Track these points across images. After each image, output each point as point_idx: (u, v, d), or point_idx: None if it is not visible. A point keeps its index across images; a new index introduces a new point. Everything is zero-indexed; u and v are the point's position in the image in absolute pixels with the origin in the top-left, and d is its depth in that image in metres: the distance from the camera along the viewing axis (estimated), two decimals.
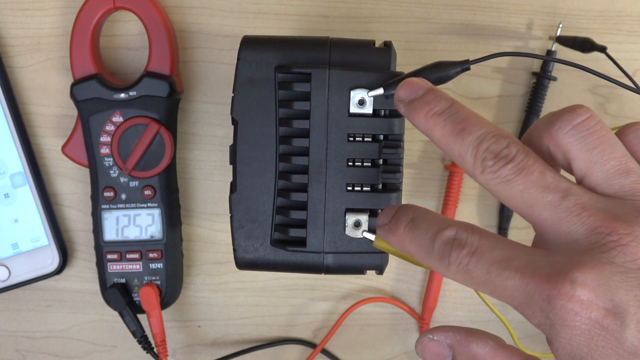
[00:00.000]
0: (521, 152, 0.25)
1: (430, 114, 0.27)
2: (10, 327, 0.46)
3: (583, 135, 0.26)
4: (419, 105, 0.28)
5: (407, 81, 0.29)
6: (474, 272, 0.24)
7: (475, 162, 0.25)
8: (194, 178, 0.45)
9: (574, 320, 0.22)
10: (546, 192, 0.25)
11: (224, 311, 0.47)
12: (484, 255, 0.24)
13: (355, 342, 0.47)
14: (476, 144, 0.25)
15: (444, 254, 0.25)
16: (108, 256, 0.42)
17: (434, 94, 0.28)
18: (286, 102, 0.34)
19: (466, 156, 0.26)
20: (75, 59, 0.41)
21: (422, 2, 0.44)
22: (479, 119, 0.26)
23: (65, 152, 0.42)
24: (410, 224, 0.27)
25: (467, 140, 0.26)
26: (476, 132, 0.26)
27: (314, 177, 0.34)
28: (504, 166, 0.25)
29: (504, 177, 0.25)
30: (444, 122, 0.27)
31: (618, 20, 0.44)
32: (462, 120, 0.26)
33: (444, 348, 0.27)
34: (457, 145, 0.26)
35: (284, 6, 0.44)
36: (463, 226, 0.26)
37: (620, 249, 0.23)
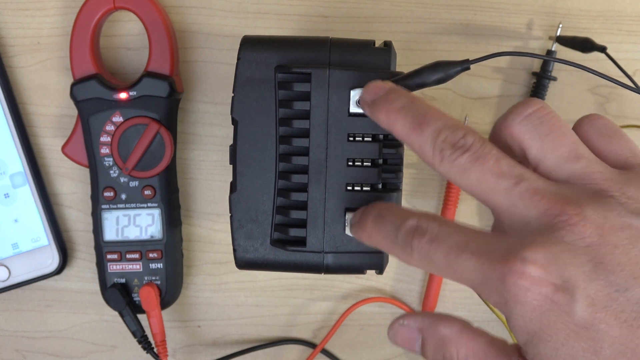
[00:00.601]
0: (477, 141, 0.26)
1: (391, 110, 0.29)
2: (10, 327, 0.46)
3: (534, 125, 0.27)
4: (381, 103, 0.29)
5: (370, 84, 0.31)
6: (434, 258, 0.26)
7: (434, 152, 0.27)
8: (194, 178, 0.45)
9: (525, 296, 0.23)
10: (501, 178, 0.26)
11: (224, 311, 0.47)
12: (443, 241, 0.26)
13: (355, 342, 0.47)
14: (434, 136, 0.27)
15: (406, 243, 0.27)
16: (108, 256, 0.42)
17: (394, 93, 0.29)
18: (286, 102, 0.34)
19: (425, 148, 0.27)
20: (75, 59, 0.41)
21: (422, 2, 0.44)
22: (437, 112, 0.28)
23: (65, 152, 0.42)
24: (377, 218, 0.29)
25: (425, 132, 0.27)
26: (434, 124, 0.27)
27: (314, 177, 0.34)
28: (460, 156, 0.26)
29: (461, 165, 0.26)
30: (404, 116, 0.28)
31: (618, 20, 0.44)
32: (421, 114, 0.28)
33: (413, 332, 0.28)
34: (417, 138, 0.28)
35: (284, 6, 0.44)
36: (425, 216, 0.27)
37: (570, 228, 0.24)
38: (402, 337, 0.28)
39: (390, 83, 0.31)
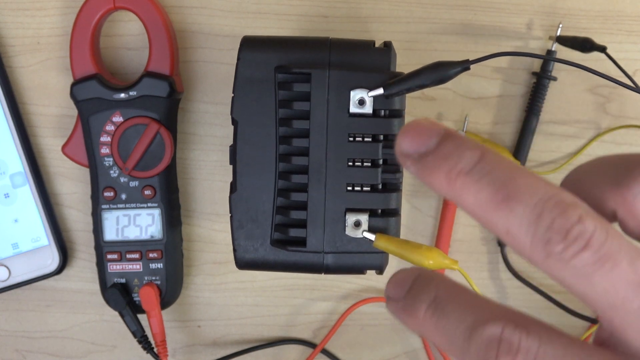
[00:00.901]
0: (600, 230, 0.18)
1: (453, 174, 0.19)
2: (10, 327, 0.46)
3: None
4: (435, 163, 0.19)
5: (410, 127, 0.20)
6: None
7: (533, 243, 0.18)
8: (194, 178, 0.45)
9: None
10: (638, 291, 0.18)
11: (224, 311, 0.47)
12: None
13: (355, 342, 0.47)
14: (533, 218, 0.18)
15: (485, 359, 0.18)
16: (108, 256, 0.42)
17: (452, 143, 0.19)
18: (286, 102, 0.34)
19: (519, 235, 0.18)
20: (75, 59, 0.41)
21: (422, 2, 0.44)
22: (528, 177, 0.18)
23: (65, 152, 0.42)
24: (434, 307, 0.20)
25: (516, 211, 0.18)
26: (529, 198, 0.18)
27: (314, 177, 0.34)
28: (579, 253, 0.18)
29: (580, 268, 0.18)
30: (477, 184, 0.19)
31: (618, 20, 0.44)
32: (504, 181, 0.18)
33: None
34: (501, 218, 0.18)
35: (284, 6, 0.44)
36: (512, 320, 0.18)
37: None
38: None
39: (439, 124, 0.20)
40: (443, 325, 0.19)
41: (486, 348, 0.18)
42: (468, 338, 0.19)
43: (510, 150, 0.44)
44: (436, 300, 0.20)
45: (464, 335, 0.19)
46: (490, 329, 0.18)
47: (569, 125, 0.45)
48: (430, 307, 0.20)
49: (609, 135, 0.45)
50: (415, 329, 0.20)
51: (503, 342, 0.18)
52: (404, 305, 0.20)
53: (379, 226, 0.34)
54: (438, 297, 0.20)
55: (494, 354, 0.18)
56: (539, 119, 0.44)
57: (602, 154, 0.45)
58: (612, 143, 0.45)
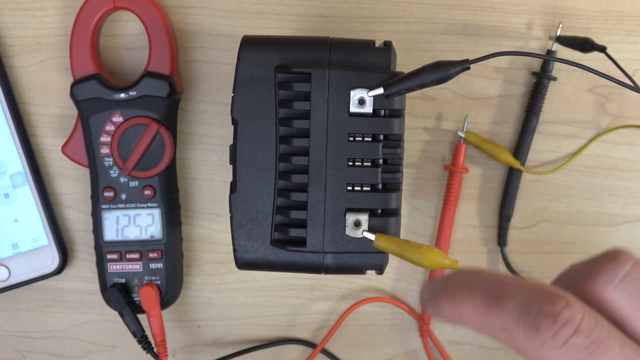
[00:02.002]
0: (587, 315, 0.19)
1: (453, 294, 0.21)
2: (10, 327, 0.46)
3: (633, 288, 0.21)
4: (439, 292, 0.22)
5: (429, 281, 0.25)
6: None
7: (526, 332, 0.19)
8: (194, 178, 0.45)
9: None
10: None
11: (224, 311, 0.47)
12: None
13: (355, 342, 0.47)
14: (523, 308, 0.19)
15: None
16: (108, 256, 0.42)
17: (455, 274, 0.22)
18: (286, 102, 0.34)
19: (512, 327, 0.19)
20: (75, 59, 0.41)
21: (422, 2, 0.44)
22: (515, 279, 0.20)
23: (65, 152, 0.42)
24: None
25: (507, 306, 0.19)
26: (517, 294, 0.20)
27: (314, 177, 0.34)
28: (571, 338, 0.19)
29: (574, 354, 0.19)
30: (472, 295, 0.21)
31: (618, 20, 0.44)
32: (495, 284, 0.20)
33: None
34: (495, 317, 0.20)
35: (284, 6, 0.44)
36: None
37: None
38: None
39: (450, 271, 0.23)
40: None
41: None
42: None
43: (510, 150, 0.45)
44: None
45: None
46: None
47: (569, 125, 0.45)
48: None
49: (609, 135, 0.45)
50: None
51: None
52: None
53: (379, 226, 0.34)
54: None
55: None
56: (539, 119, 0.44)
57: (602, 154, 0.45)
58: (612, 143, 0.45)
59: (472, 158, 0.45)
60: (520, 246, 0.46)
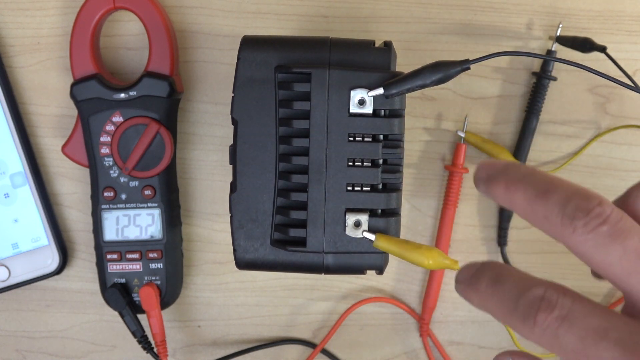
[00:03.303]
0: (616, 212, 0.23)
1: (510, 182, 0.25)
2: (10, 327, 0.46)
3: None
4: (498, 177, 0.26)
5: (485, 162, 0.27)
6: (564, 339, 0.23)
7: (563, 221, 0.23)
8: (194, 178, 0.45)
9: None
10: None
11: (224, 311, 0.47)
12: (577, 321, 0.22)
13: (355, 342, 0.47)
14: (564, 202, 0.23)
15: (528, 314, 0.23)
16: (108, 256, 0.42)
17: (512, 165, 0.26)
18: (286, 102, 0.34)
19: (552, 216, 0.24)
20: (75, 59, 0.41)
21: (422, 2, 0.44)
22: (563, 180, 0.24)
23: (65, 152, 0.42)
24: (494, 280, 0.25)
25: (552, 199, 0.24)
26: (562, 191, 0.24)
27: (314, 177, 0.34)
28: (598, 227, 0.23)
29: (599, 240, 0.23)
30: (525, 186, 0.25)
31: (618, 20, 0.44)
32: (545, 182, 0.24)
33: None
34: (541, 206, 0.24)
35: (284, 6, 0.44)
36: (554, 286, 0.24)
37: None
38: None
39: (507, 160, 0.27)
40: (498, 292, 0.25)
41: (530, 305, 0.23)
42: (517, 299, 0.24)
43: (510, 150, 0.45)
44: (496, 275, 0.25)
45: (514, 298, 0.24)
46: (535, 290, 0.23)
47: (569, 125, 0.45)
48: (491, 281, 0.25)
49: (609, 135, 0.45)
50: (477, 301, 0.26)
51: (544, 300, 0.23)
52: (470, 282, 0.26)
53: (379, 226, 0.34)
54: (498, 273, 0.25)
55: (536, 309, 0.23)
56: (539, 119, 0.44)
57: (602, 154, 0.45)
58: (612, 143, 0.45)
59: (472, 158, 0.45)
60: (520, 246, 0.46)
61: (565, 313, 0.23)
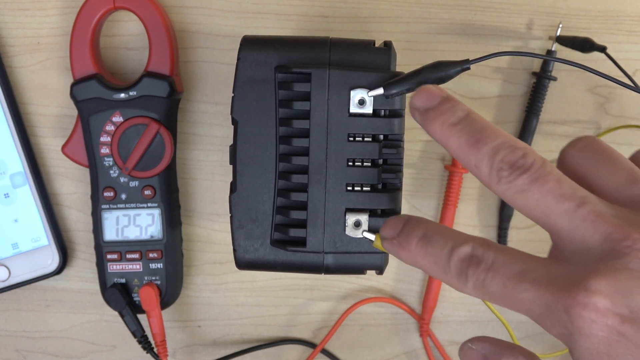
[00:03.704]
0: (537, 161, 0.25)
1: (445, 125, 0.27)
2: (10, 327, 0.46)
3: (589, 155, 0.27)
4: (435, 115, 0.28)
5: (423, 89, 0.29)
6: (490, 288, 0.25)
7: (490, 172, 0.25)
8: (194, 178, 0.45)
9: (591, 328, 0.22)
10: (562, 200, 0.24)
11: (224, 311, 0.47)
12: (500, 270, 0.25)
13: (355, 342, 0.47)
14: (492, 154, 0.25)
15: (461, 271, 0.25)
16: (108, 256, 0.42)
17: (449, 104, 0.28)
18: (286, 102, 0.34)
19: (482, 167, 0.26)
20: (75, 59, 0.41)
21: (422, 2, 0.44)
22: (495, 130, 0.26)
23: (65, 152, 0.42)
24: (423, 239, 0.27)
25: (482, 150, 0.26)
26: (492, 142, 0.26)
27: (314, 177, 0.34)
28: (519, 176, 0.25)
29: (520, 186, 0.25)
30: (460, 132, 0.27)
31: (618, 20, 0.44)
32: (478, 130, 0.26)
33: (478, 357, 0.27)
34: (472, 156, 0.26)
35: (284, 6, 0.44)
36: (479, 242, 0.26)
37: (635, 254, 0.23)
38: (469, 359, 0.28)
39: (444, 90, 0.29)
40: (430, 253, 0.26)
41: (461, 263, 0.25)
42: (449, 257, 0.26)
43: None
44: (424, 234, 0.27)
45: (446, 257, 0.26)
46: (464, 249, 0.25)
47: (569, 125, 0.45)
48: (421, 240, 0.27)
49: (609, 135, 0.45)
50: (408, 260, 0.28)
51: (472, 257, 0.25)
52: (399, 241, 0.28)
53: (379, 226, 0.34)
54: (426, 232, 0.27)
55: (466, 265, 0.25)
56: (539, 119, 0.44)
57: None
58: (612, 143, 0.45)
59: None
60: (520, 246, 0.46)
61: (490, 264, 0.25)
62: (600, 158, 0.27)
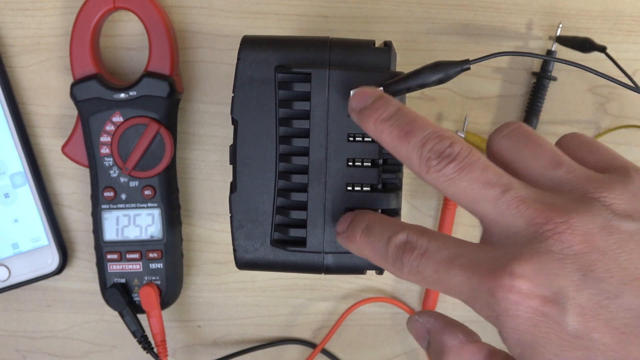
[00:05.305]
0: (464, 150, 0.26)
1: (378, 120, 0.28)
2: (10, 327, 0.46)
3: (513, 141, 0.28)
4: (368, 113, 0.29)
5: (358, 91, 0.30)
6: (424, 273, 0.26)
7: (420, 162, 0.27)
8: (194, 178, 0.45)
9: (516, 310, 0.23)
10: (487, 187, 0.25)
11: (224, 311, 0.47)
12: (432, 256, 0.26)
13: (355, 342, 0.47)
14: (420, 145, 0.27)
15: (397, 258, 0.27)
16: (108, 256, 0.42)
17: (382, 101, 0.29)
18: (286, 102, 0.34)
19: (412, 157, 0.27)
20: (75, 59, 0.41)
21: (422, 2, 0.44)
22: (424, 121, 0.27)
23: (65, 152, 0.42)
24: (366, 230, 0.29)
25: (412, 142, 0.27)
26: (420, 133, 0.27)
27: (314, 177, 0.34)
28: (447, 165, 0.26)
29: (448, 175, 0.26)
30: (391, 127, 0.28)
31: (618, 20, 0.44)
32: (408, 123, 0.28)
33: (423, 330, 0.28)
34: (403, 148, 0.27)
35: (284, 6, 0.44)
36: (414, 229, 0.27)
37: (557, 237, 0.24)
38: (415, 331, 0.29)
39: (377, 90, 0.30)
40: (371, 242, 0.28)
41: (397, 250, 0.27)
42: (386, 246, 0.27)
43: None
44: (367, 226, 0.29)
45: (384, 245, 0.28)
46: (399, 237, 0.27)
47: (569, 125, 0.45)
48: (364, 232, 0.29)
49: (609, 135, 0.45)
50: (356, 251, 0.30)
51: (407, 244, 0.27)
52: (347, 234, 0.30)
53: None
54: (369, 224, 0.29)
55: (401, 252, 0.27)
56: (539, 119, 0.44)
57: None
58: (612, 143, 0.45)
59: None
60: None
61: (423, 251, 0.26)
62: (525, 143, 0.28)
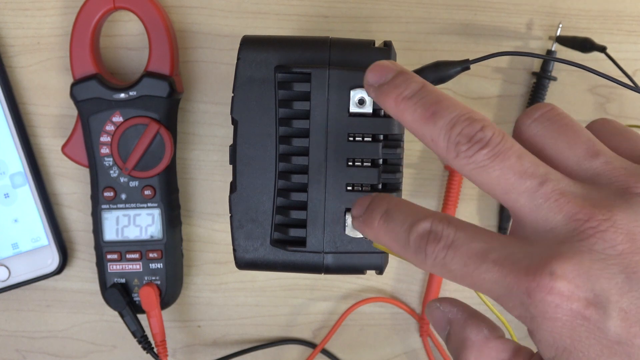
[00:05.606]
0: (497, 135, 0.24)
1: (400, 98, 0.26)
2: (10, 327, 0.46)
3: (545, 126, 0.26)
4: (388, 89, 0.27)
5: (376, 64, 0.28)
6: (451, 266, 0.24)
7: (448, 147, 0.24)
8: (194, 178, 0.45)
9: (554, 312, 0.22)
10: (523, 178, 0.24)
11: (224, 311, 0.47)
12: (460, 248, 0.24)
13: (355, 342, 0.47)
14: (448, 128, 0.24)
15: (419, 248, 0.25)
16: (108, 256, 0.42)
17: (403, 77, 0.27)
18: (286, 102, 0.34)
19: (439, 141, 0.25)
20: (75, 59, 0.41)
21: (422, 2, 0.44)
22: (451, 101, 0.25)
23: (65, 152, 0.42)
24: (385, 215, 0.26)
25: (438, 124, 0.25)
26: (448, 115, 0.25)
27: (313, 177, 0.34)
28: (478, 151, 0.24)
29: (479, 162, 0.24)
30: (415, 106, 0.25)
31: (618, 20, 0.44)
32: (433, 103, 0.25)
33: (444, 320, 0.26)
34: (428, 129, 0.25)
35: (284, 6, 0.44)
36: (438, 217, 0.25)
37: (600, 235, 0.22)
38: (435, 320, 0.27)
39: (397, 64, 0.27)
40: (391, 229, 0.26)
41: (420, 239, 0.24)
42: (407, 234, 0.25)
43: None
44: (386, 211, 0.26)
45: (405, 233, 0.25)
46: (423, 225, 0.25)
47: None
48: (382, 217, 0.26)
49: None
50: (373, 237, 0.27)
51: (431, 233, 0.24)
52: (364, 219, 0.27)
53: None
54: (388, 209, 0.26)
55: (425, 242, 0.24)
56: None
57: None
58: None
59: None
60: None
61: (450, 242, 0.24)
62: (558, 128, 0.25)
